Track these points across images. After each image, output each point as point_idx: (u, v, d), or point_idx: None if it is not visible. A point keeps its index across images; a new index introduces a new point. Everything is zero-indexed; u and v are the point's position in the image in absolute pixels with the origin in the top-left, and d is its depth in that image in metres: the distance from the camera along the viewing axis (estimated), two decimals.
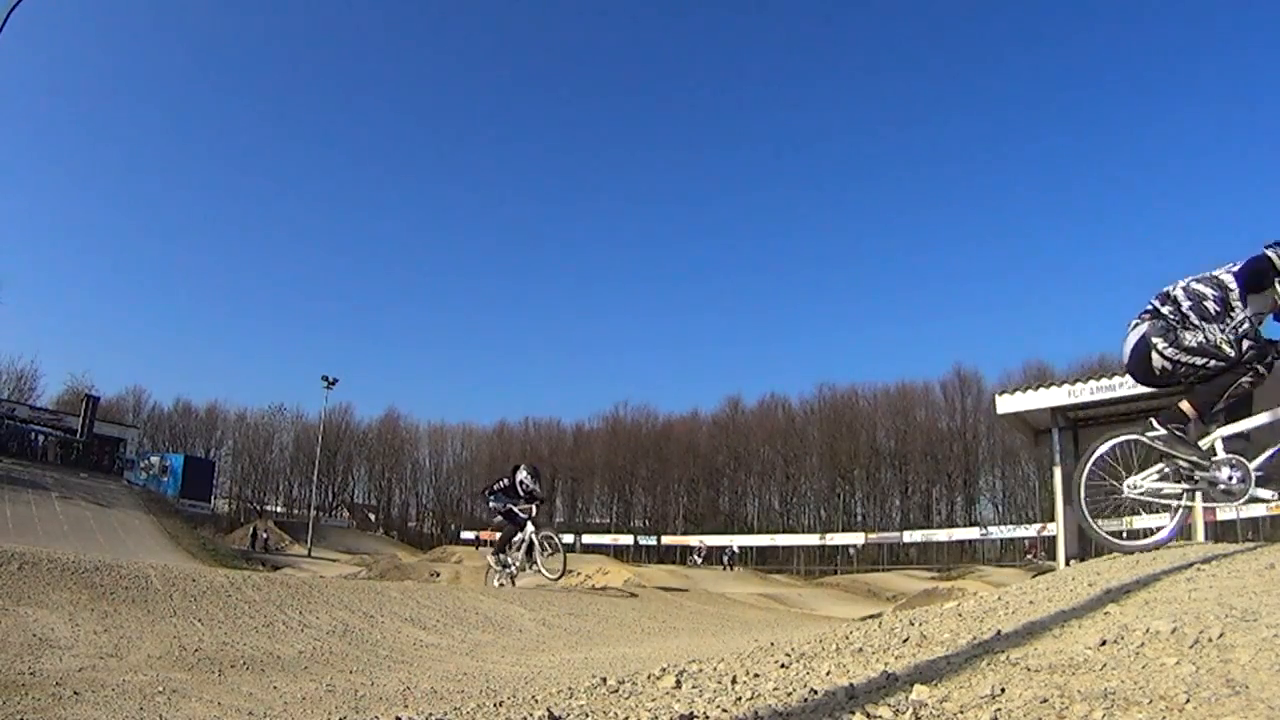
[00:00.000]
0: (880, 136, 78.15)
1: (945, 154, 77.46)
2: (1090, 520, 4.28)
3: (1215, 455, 3.94)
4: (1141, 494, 4.14)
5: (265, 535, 43.06)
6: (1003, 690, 1.67)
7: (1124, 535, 4.39)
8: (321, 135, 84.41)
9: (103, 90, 76.10)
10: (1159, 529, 4.27)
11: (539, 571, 10.17)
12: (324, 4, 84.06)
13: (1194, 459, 3.96)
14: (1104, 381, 13.62)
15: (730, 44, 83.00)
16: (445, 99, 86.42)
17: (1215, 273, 4.08)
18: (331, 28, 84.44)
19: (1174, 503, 4.11)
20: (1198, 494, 4.03)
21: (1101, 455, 4.30)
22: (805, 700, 1.83)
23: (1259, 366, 3.79)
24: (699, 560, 27.19)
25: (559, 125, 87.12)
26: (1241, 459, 3.85)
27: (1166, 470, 4.08)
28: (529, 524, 10.31)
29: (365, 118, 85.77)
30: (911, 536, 48.20)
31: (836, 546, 49.11)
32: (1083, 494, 4.34)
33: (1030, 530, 42.55)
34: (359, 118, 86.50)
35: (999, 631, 2.51)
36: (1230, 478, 3.89)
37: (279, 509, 58.52)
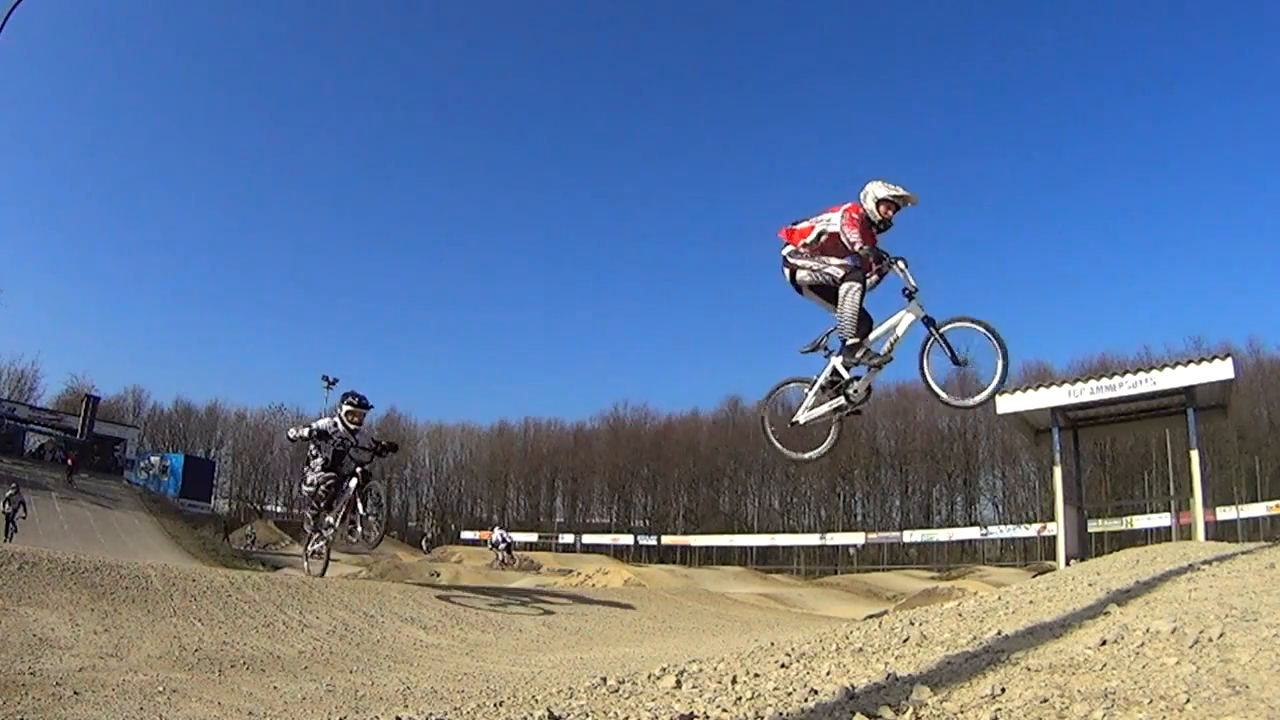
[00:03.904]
0: (880, 135, 78.14)
1: (944, 153, 77.44)
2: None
3: None
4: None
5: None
6: (1003, 690, 1.67)
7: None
8: (321, 134, 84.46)
9: (102, 90, 76.14)
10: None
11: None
12: (326, 1, 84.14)
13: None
14: (1104, 381, 13.66)
15: (732, 43, 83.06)
16: (446, 97, 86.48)
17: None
18: (332, 25, 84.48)
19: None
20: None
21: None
22: (805, 700, 1.83)
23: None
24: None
25: (560, 124, 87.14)
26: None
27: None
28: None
29: (366, 117, 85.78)
30: (911, 536, 48.24)
31: (836, 546, 49.15)
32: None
33: (1030, 530, 42.62)
34: (360, 117, 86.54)
35: (999, 631, 2.51)
36: None
37: (279, 509, 58.53)
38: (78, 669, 3.36)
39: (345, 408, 7.40)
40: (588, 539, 53.46)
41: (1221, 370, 12.49)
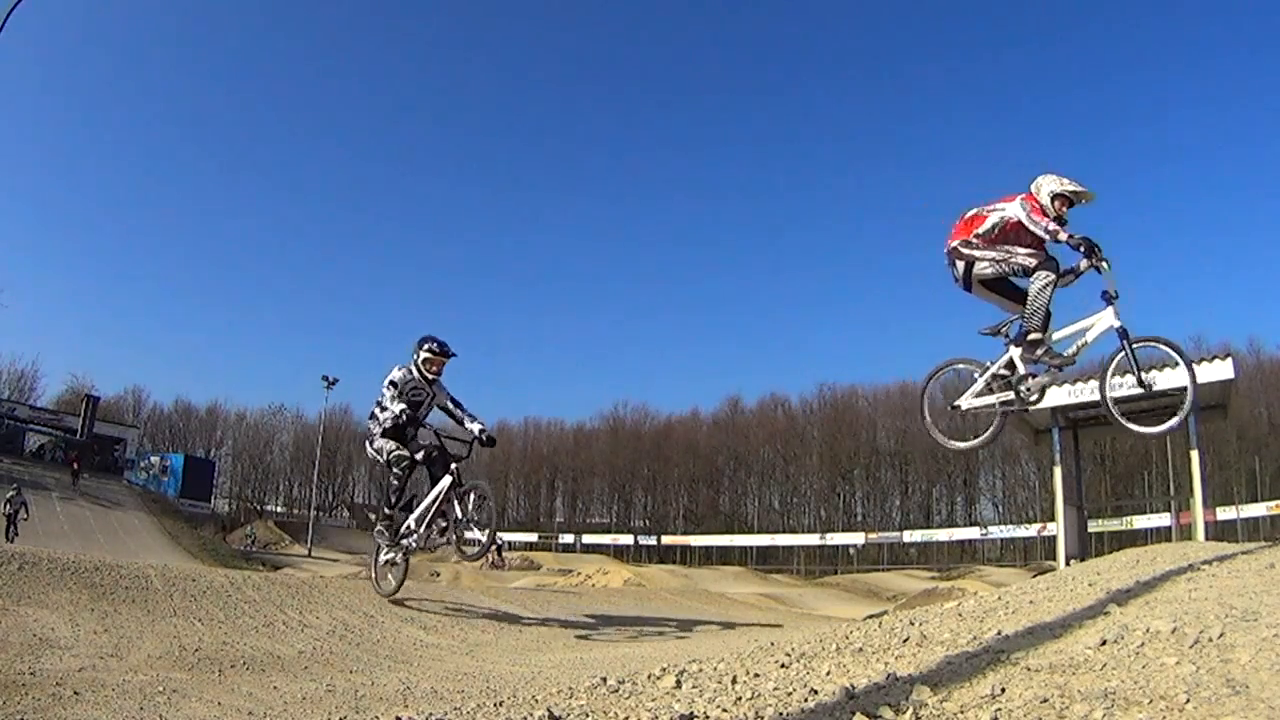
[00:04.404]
0: (880, 134, 78.18)
1: (944, 152, 77.44)
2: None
3: None
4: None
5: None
6: (1003, 690, 1.67)
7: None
8: (322, 134, 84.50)
9: (102, 90, 76.18)
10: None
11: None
12: (327, 1, 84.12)
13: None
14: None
15: (731, 43, 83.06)
16: (446, 97, 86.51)
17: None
18: (333, 24, 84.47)
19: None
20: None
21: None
22: (805, 700, 1.83)
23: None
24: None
25: (560, 124, 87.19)
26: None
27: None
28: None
29: (366, 116, 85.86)
30: (911, 536, 48.25)
31: (836, 546, 49.16)
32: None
33: (1030, 530, 42.62)
34: (360, 116, 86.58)
35: (999, 631, 2.51)
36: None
37: (279, 509, 58.51)
38: (78, 669, 3.36)
39: (423, 354, 5.96)
40: (588, 539, 53.45)
41: (1221, 370, 12.48)
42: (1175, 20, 67.94)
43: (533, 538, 53.96)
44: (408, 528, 5.97)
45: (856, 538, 48.84)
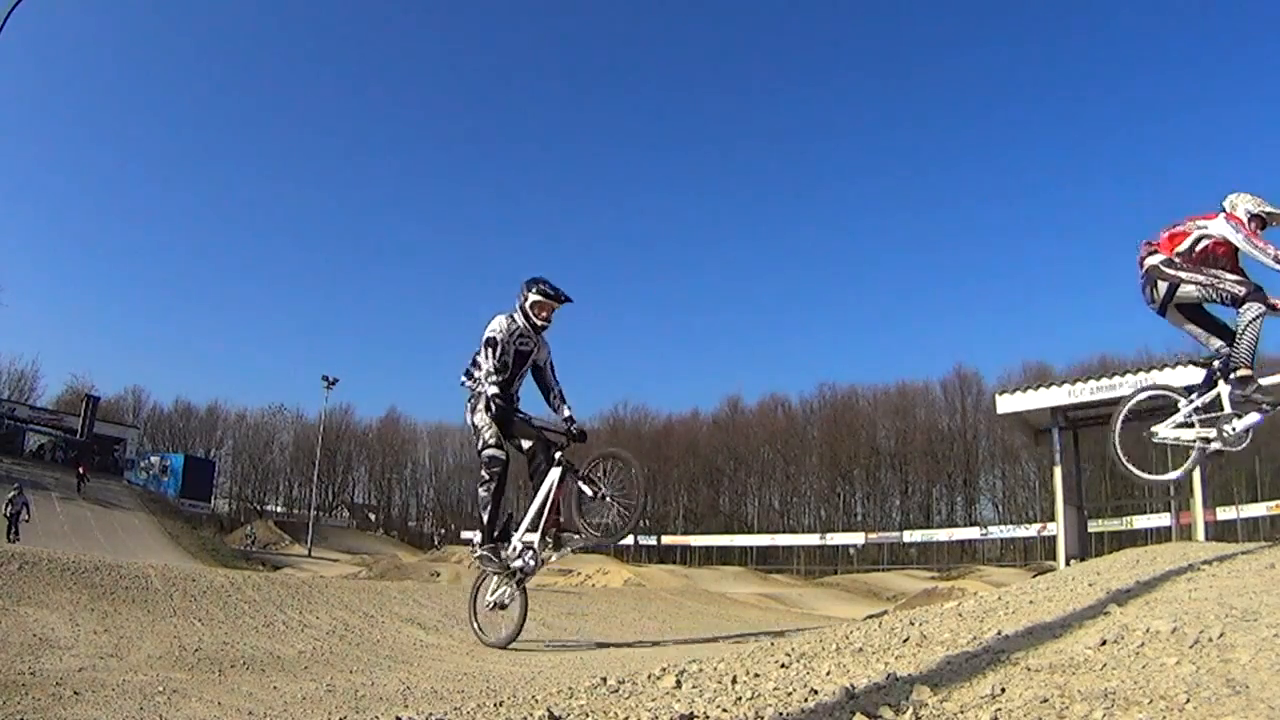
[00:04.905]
0: (880, 136, 78.19)
1: (946, 153, 77.50)
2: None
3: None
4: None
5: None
6: (1003, 690, 1.67)
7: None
8: (322, 133, 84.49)
9: (102, 89, 76.19)
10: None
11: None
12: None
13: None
14: (1103, 381, 13.67)
15: (731, 42, 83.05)
16: (447, 96, 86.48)
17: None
18: (334, 22, 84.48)
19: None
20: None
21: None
22: (805, 700, 1.83)
23: None
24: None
25: (559, 123, 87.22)
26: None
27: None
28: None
29: (366, 116, 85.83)
30: (911, 536, 48.23)
31: (836, 546, 49.14)
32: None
33: (1030, 530, 42.60)
34: (359, 116, 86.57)
35: (999, 631, 2.51)
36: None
37: (279, 509, 58.48)
38: (78, 669, 3.36)
39: (533, 296, 4.88)
40: None
41: None
42: (1173, 20, 67.97)
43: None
44: (515, 549, 4.98)
45: (856, 538, 48.83)
